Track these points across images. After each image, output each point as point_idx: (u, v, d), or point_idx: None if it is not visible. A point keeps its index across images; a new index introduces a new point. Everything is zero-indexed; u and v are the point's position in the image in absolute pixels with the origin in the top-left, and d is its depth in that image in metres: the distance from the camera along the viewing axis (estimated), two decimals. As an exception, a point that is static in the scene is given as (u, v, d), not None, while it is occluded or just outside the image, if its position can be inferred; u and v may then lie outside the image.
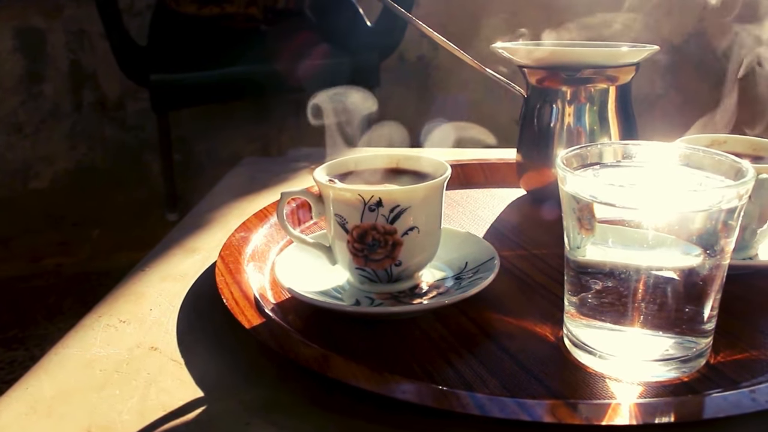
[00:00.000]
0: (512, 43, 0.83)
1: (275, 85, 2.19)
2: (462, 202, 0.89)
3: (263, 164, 1.11)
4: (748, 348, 0.56)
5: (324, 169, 0.65)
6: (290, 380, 0.53)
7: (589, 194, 0.49)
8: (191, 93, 2.12)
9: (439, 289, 0.64)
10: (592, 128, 0.82)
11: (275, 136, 2.59)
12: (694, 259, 0.49)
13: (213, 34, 2.19)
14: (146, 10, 2.42)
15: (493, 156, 1.01)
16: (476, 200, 0.90)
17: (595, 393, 0.50)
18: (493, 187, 0.94)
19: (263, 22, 2.20)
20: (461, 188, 0.94)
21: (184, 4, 2.15)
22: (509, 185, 0.93)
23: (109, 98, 2.56)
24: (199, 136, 2.55)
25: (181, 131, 2.45)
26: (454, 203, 0.89)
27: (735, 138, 0.74)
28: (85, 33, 2.50)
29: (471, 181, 0.96)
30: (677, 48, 2.49)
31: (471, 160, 0.99)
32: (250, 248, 0.72)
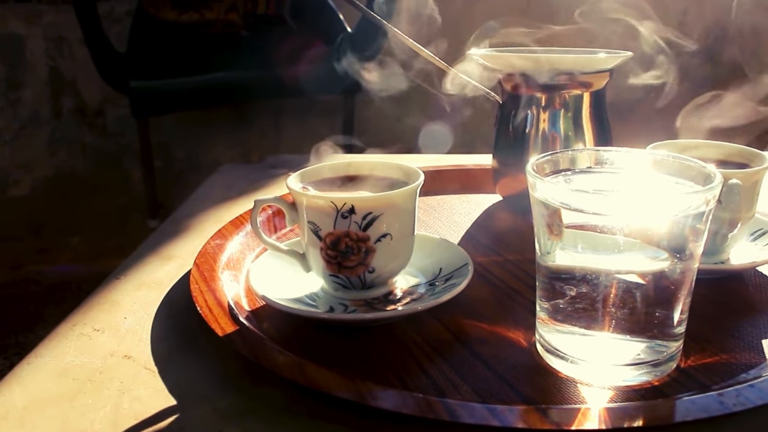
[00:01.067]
0: (487, 50, 0.84)
1: (256, 90, 2.19)
2: (438, 208, 0.90)
3: (241, 171, 1.11)
4: (719, 352, 0.57)
5: (298, 176, 0.65)
6: (264, 388, 0.53)
7: (558, 200, 0.50)
8: (171, 99, 2.12)
9: (412, 296, 0.64)
10: (567, 134, 0.82)
11: (256, 141, 2.58)
12: (663, 263, 0.50)
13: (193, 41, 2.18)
14: (126, 16, 2.42)
15: (470, 162, 1.02)
16: (452, 206, 0.90)
17: (566, 398, 0.51)
18: (470, 192, 0.95)
19: (243, 28, 2.20)
20: (438, 194, 0.94)
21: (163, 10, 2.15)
22: (486, 191, 0.94)
23: (89, 105, 2.55)
24: (179, 142, 2.55)
25: (161, 137, 2.44)
26: (430, 209, 0.89)
27: (707, 143, 0.74)
28: (64, 39, 2.49)
29: (448, 187, 0.96)
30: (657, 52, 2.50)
31: (448, 166, 0.99)
32: (225, 256, 0.72)
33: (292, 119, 2.53)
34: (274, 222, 0.82)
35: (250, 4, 2.18)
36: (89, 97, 2.54)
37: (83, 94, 2.54)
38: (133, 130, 2.24)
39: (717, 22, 2.54)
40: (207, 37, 2.19)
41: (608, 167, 0.57)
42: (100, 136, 2.58)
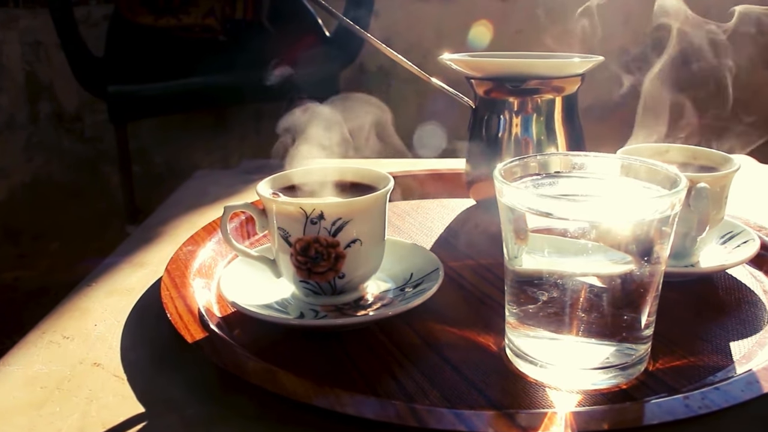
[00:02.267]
0: (459, 55, 0.84)
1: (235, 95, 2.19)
2: (412, 212, 0.90)
3: (216, 177, 1.11)
4: (687, 354, 0.57)
5: (268, 182, 0.65)
6: (234, 395, 0.53)
7: (524, 205, 0.50)
8: (149, 104, 2.11)
9: (383, 301, 0.64)
10: (539, 138, 0.82)
11: (236, 146, 2.58)
12: (629, 267, 0.50)
13: (171, 45, 2.18)
14: (103, 20, 2.40)
15: (445, 166, 1.02)
16: (427, 211, 0.90)
17: (534, 402, 0.51)
18: (445, 197, 0.95)
19: (221, 33, 2.20)
20: (412, 199, 0.95)
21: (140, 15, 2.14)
22: (460, 195, 0.94)
23: (66, 110, 2.54)
24: (158, 147, 2.54)
25: (140, 142, 2.43)
26: (404, 214, 0.89)
27: (676, 147, 0.75)
28: (41, 44, 2.47)
29: (422, 192, 0.96)
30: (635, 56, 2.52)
31: (423, 170, 0.99)
32: (197, 262, 0.72)
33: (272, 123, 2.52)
34: (247, 228, 0.82)
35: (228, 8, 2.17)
36: (66, 102, 2.53)
37: (60, 99, 2.52)
38: (111, 135, 2.23)
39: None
40: (185, 42, 2.18)
41: (576, 172, 0.58)
42: (78, 141, 2.57)
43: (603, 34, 2.59)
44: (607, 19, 2.59)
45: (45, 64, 2.50)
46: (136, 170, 2.33)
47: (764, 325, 0.62)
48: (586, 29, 2.43)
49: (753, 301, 0.67)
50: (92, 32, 2.38)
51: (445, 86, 0.85)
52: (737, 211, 0.81)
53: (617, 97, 2.41)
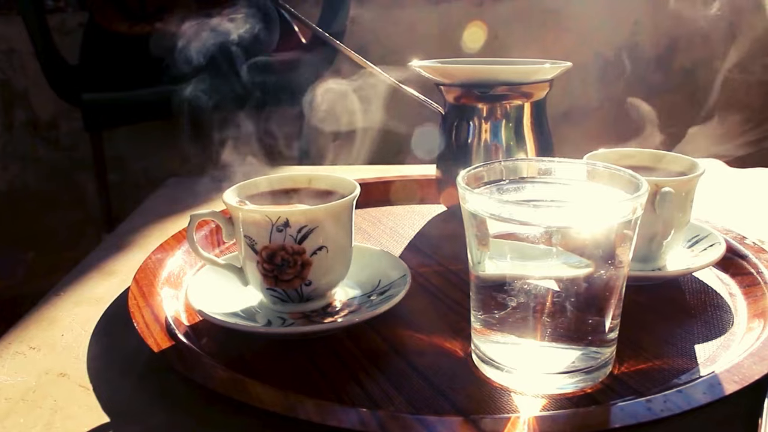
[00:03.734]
0: (428, 62, 0.84)
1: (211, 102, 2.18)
2: (383, 219, 0.90)
3: (187, 184, 1.11)
4: (652, 358, 0.58)
5: (235, 190, 0.65)
6: (199, 404, 0.53)
7: (485, 211, 0.50)
8: (125, 112, 2.10)
9: (351, 308, 0.64)
10: (509, 144, 0.83)
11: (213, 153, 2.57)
12: (592, 271, 0.50)
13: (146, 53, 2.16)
14: (78, 28, 2.39)
15: (416, 172, 1.02)
16: (397, 217, 0.90)
17: (499, 407, 0.51)
18: (415, 203, 0.95)
19: (197, 40, 2.19)
20: (383, 205, 0.95)
21: (114, 22, 2.13)
22: (431, 201, 0.94)
23: (41, 118, 2.52)
24: (135, 155, 2.52)
25: (116, 150, 2.42)
26: (375, 220, 0.89)
27: (643, 152, 0.75)
28: (15, 52, 2.45)
29: (393, 198, 0.96)
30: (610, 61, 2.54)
31: (394, 176, 0.99)
32: (166, 271, 0.72)
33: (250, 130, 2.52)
34: (217, 236, 0.82)
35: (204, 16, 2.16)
36: (41, 110, 2.50)
37: (35, 107, 2.50)
38: (86, 143, 2.21)
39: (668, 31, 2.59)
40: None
41: (541, 177, 0.58)
42: (53, 149, 2.55)
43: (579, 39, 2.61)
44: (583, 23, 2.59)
45: (19, 72, 2.48)
46: (113, 178, 2.31)
47: (729, 328, 0.63)
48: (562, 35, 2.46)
49: (719, 303, 0.67)
50: (67, 40, 2.36)
51: (414, 92, 0.85)
52: (705, 215, 0.81)
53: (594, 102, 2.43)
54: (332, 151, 0.89)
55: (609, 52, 2.55)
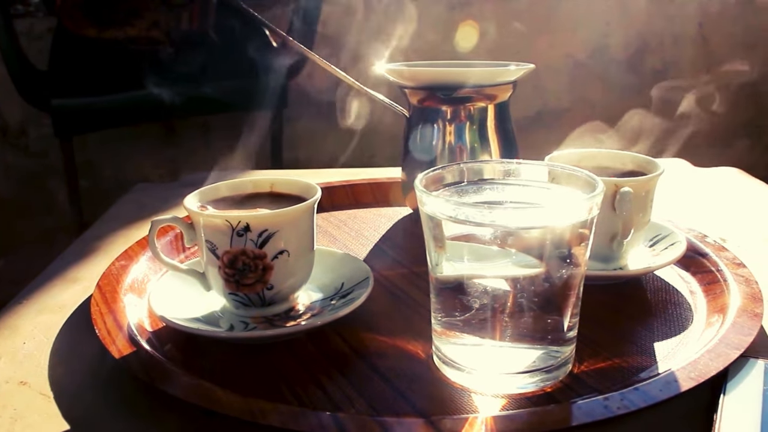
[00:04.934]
0: (393, 64, 0.84)
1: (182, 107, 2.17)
2: (349, 222, 0.90)
3: (154, 190, 1.10)
4: (612, 356, 0.58)
5: (196, 195, 0.65)
6: (160, 410, 0.53)
7: (441, 213, 0.51)
8: (95, 117, 2.09)
9: (314, 311, 0.64)
10: (473, 146, 0.83)
11: (185, 159, 2.56)
12: (549, 270, 0.51)
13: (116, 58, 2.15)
14: (47, 33, 2.37)
15: (383, 175, 1.02)
16: (363, 220, 0.91)
17: (459, 408, 0.51)
18: (382, 206, 0.95)
19: (167, 45, 2.18)
20: (350, 208, 0.95)
21: (83, 27, 2.11)
22: (397, 204, 0.95)
23: (9, 124, 2.49)
24: (106, 161, 2.50)
25: (87, 156, 2.40)
26: (340, 223, 0.90)
27: (604, 153, 0.76)
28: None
29: (360, 201, 0.97)
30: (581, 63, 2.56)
31: (361, 179, 1.00)
32: (130, 277, 0.72)
33: (221, 135, 2.51)
34: (182, 242, 0.81)
35: (174, 20, 2.15)
36: (10, 116, 2.48)
37: (4, 113, 2.48)
38: (56, 149, 2.20)
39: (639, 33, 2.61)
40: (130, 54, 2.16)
41: (500, 179, 0.58)
42: (23, 156, 2.52)
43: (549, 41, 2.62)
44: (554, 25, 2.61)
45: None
46: (84, 184, 2.30)
47: (689, 325, 0.64)
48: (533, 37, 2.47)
49: (679, 301, 0.68)
50: (36, 45, 2.34)
51: (379, 95, 0.85)
52: (668, 214, 0.82)
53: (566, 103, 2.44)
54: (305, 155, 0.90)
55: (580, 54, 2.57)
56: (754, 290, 0.66)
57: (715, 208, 0.99)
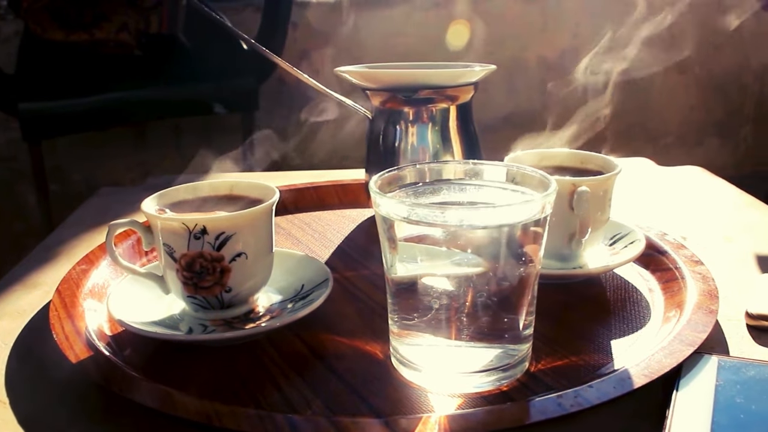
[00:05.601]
0: (353, 67, 0.85)
1: (152, 110, 2.17)
2: (313, 224, 0.90)
3: (119, 194, 1.10)
4: (569, 354, 0.59)
5: (154, 199, 0.65)
6: (119, 414, 0.52)
7: (395, 215, 0.51)
8: (64, 121, 2.07)
9: (273, 313, 0.64)
10: (436, 147, 0.84)
11: (156, 162, 2.54)
12: (503, 270, 0.51)
13: (84, 61, 2.14)
14: (14, 36, 2.35)
15: (348, 177, 1.03)
16: (328, 222, 0.91)
17: (416, 408, 0.52)
18: (347, 208, 0.96)
19: (136, 48, 2.16)
20: (315, 210, 0.95)
21: (50, 30, 2.10)
22: (361, 206, 0.95)
23: (-23, 129, 2.47)
24: (76, 165, 2.48)
25: (56, 160, 2.38)
26: (305, 225, 0.90)
27: (564, 152, 0.77)
28: (-52, 62, 2.40)
29: (325, 203, 0.97)
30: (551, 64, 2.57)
31: (325, 182, 1.00)
32: (90, 282, 0.71)
33: (192, 138, 2.50)
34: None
35: (142, 23, 2.14)
36: (-23, 121, 2.46)
37: (-30, 118, 2.46)
38: (25, 153, 2.18)
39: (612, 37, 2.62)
40: (98, 58, 2.15)
41: (457, 180, 0.59)
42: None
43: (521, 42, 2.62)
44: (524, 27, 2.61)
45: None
46: (53, 189, 2.28)
47: (646, 323, 0.64)
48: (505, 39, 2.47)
49: (638, 299, 0.69)
50: (3, 48, 2.32)
51: (341, 98, 0.85)
52: (631, 213, 0.83)
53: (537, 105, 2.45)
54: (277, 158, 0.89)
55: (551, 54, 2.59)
56: (710, 287, 0.66)
57: (677, 207, 1.01)
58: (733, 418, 0.48)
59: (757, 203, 1.00)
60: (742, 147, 2.88)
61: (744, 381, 0.53)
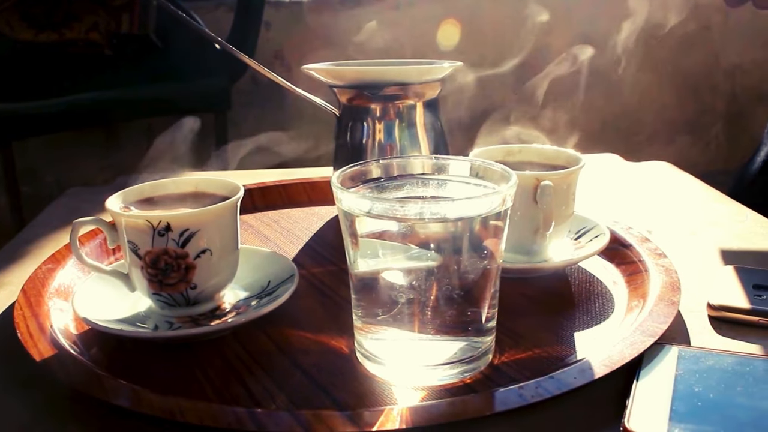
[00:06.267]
0: (320, 64, 0.85)
1: (124, 111, 2.15)
2: (281, 221, 0.90)
3: (88, 194, 1.09)
4: (532, 346, 0.59)
5: (119, 196, 0.65)
6: (83, 412, 0.52)
7: (356, 210, 0.51)
8: (35, 122, 2.05)
9: (239, 310, 0.64)
10: (403, 144, 0.84)
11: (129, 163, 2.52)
12: (464, 263, 0.52)
13: (54, 61, 2.12)
14: (-18, 37, 2.33)
15: (317, 175, 1.03)
16: (295, 219, 0.91)
17: (380, 401, 0.52)
18: (316, 205, 0.96)
19: (107, 48, 2.15)
20: (284, 208, 0.95)
21: (18, 30, 2.08)
22: (331, 203, 0.95)
23: (-54, 131, 2.44)
24: (48, 166, 2.47)
25: (28, 162, 2.36)
26: (273, 222, 0.90)
27: (529, 147, 0.78)
28: None
29: (294, 200, 0.97)
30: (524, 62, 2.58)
31: (294, 179, 1.00)
32: (56, 281, 0.71)
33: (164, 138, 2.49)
34: (112, 244, 0.81)
35: (113, 23, 2.13)
36: (-54, 123, 2.43)
37: (-61, 120, 2.43)
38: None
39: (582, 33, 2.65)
40: (69, 58, 2.13)
41: (420, 175, 0.59)
42: (-38, 163, 2.48)
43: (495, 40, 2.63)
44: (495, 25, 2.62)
45: None
46: (25, 191, 2.26)
47: (610, 315, 0.65)
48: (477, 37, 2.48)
49: (602, 292, 0.70)
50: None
51: (309, 95, 0.86)
52: (598, 207, 0.84)
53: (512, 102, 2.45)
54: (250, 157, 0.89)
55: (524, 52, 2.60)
56: (673, 279, 0.67)
57: (644, 202, 1.02)
58: (691, 406, 0.49)
59: (722, 197, 1.01)
60: (713, 145, 2.91)
61: (703, 370, 0.54)
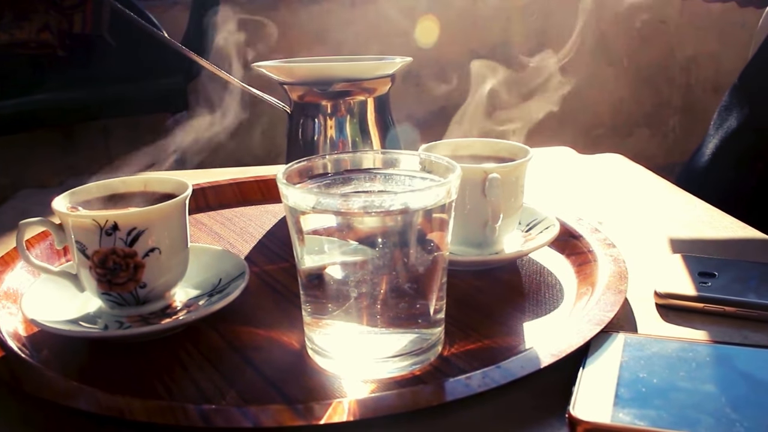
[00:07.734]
0: (270, 62, 0.85)
1: (79, 112, 2.13)
2: (235, 219, 0.90)
3: (39, 196, 1.08)
4: (482, 338, 0.60)
5: (66, 197, 0.64)
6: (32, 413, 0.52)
7: (302, 205, 0.51)
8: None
9: (190, 308, 0.64)
10: (354, 140, 0.84)
11: (85, 165, 2.50)
12: (410, 256, 0.52)
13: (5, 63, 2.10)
14: (-66, 40, 2.29)
15: (271, 173, 1.03)
16: (249, 217, 0.91)
17: (329, 395, 0.53)
18: (269, 203, 0.96)
19: (59, 48, 2.13)
20: (238, 206, 0.95)
21: (-31, 31, 2.05)
22: (282, 201, 0.95)
23: None
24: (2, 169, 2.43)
25: (-19, 165, 2.33)
26: (226, 221, 0.90)
27: (478, 141, 0.78)
28: None
29: (248, 199, 0.97)
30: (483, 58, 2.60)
31: (248, 177, 1.00)
32: (5, 284, 0.70)
33: (122, 140, 2.47)
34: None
35: (65, 22, 2.11)
36: None
37: None
38: (-52, 159, 2.14)
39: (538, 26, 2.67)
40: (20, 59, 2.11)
41: (368, 170, 0.60)
42: None
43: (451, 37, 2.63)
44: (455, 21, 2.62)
45: None
46: (-21, 194, 2.23)
47: (559, 305, 0.66)
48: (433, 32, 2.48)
49: (552, 283, 0.71)
50: None
51: (260, 93, 0.86)
52: (550, 199, 0.85)
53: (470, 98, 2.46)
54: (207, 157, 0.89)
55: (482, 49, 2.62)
56: (621, 269, 0.68)
57: (595, 193, 1.03)
58: (635, 392, 0.50)
59: (672, 188, 1.03)
60: (670, 137, 2.96)
61: (648, 356, 0.55)
